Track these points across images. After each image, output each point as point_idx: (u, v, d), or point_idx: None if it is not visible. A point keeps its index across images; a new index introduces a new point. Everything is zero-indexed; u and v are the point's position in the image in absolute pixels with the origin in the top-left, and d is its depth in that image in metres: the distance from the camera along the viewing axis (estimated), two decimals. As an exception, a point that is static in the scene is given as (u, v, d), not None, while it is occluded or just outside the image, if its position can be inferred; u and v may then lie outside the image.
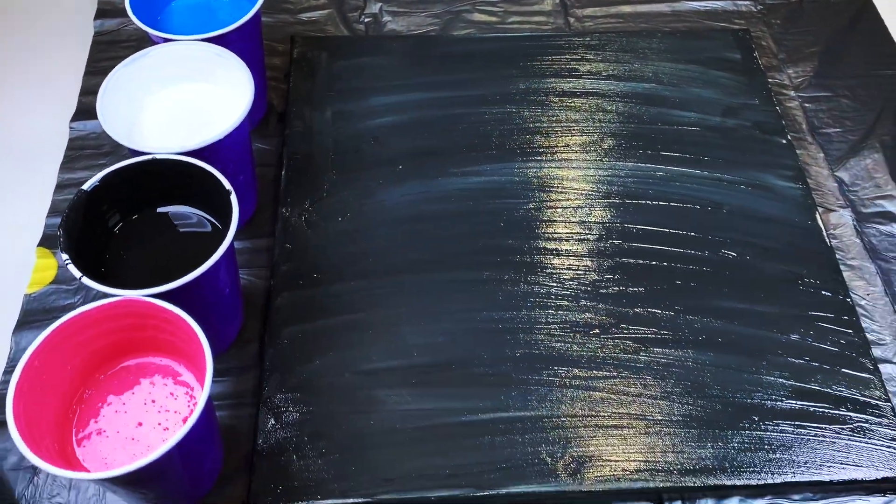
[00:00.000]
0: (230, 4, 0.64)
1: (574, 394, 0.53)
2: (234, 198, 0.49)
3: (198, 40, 0.57)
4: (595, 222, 0.61)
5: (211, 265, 0.46)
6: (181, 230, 0.52)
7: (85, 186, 0.49)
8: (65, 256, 0.46)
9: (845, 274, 0.61)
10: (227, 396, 0.55)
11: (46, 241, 0.61)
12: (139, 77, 0.56)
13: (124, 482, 0.44)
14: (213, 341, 0.54)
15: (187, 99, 0.57)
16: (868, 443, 0.52)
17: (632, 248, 0.60)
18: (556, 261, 0.59)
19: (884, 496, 0.52)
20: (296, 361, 0.54)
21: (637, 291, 0.58)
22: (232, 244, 0.52)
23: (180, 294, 0.46)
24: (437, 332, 0.55)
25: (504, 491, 0.50)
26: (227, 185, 0.49)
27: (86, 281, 0.45)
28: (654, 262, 0.59)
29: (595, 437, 0.52)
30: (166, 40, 0.57)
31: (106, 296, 0.45)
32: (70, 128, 0.68)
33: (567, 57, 0.71)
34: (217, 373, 0.55)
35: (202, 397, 0.42)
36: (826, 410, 0.53)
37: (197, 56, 0.57)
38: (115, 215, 0.51)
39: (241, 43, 0.59)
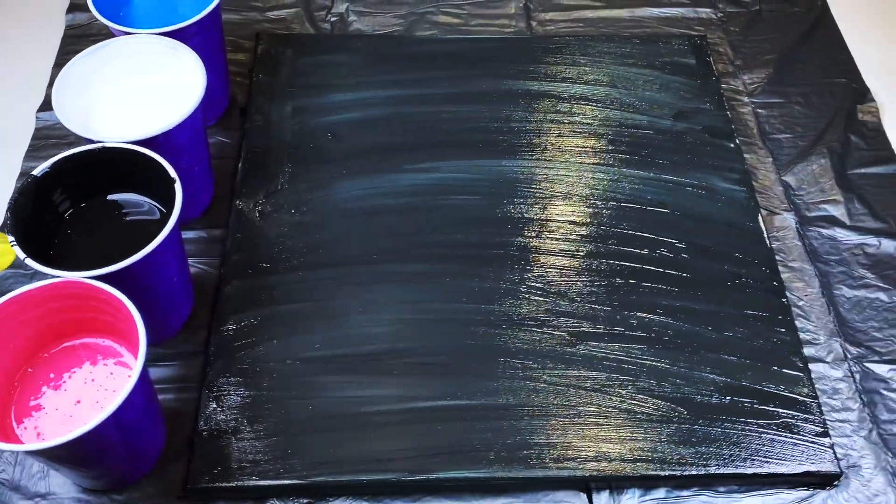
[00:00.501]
0: (192, 0, 0.66)
1: (509, 384, 0.55)
2: (178, 186, 0.50)
3: (155, 34, 0.58)
4: (541, 219, 0.63)
5: (150, 251, 0.47)
6: (130, 217, 0.54)
7: (35, 172, 0.51)
8: (10, 238, 0.48)
9: (785, 275, 0.63)
10: (174, 380, 0.56)
11: (6, 227, 0.63)
12: (96, 69, 0.58)
13: (59, 457, 0.45)
14: (161, 327, 0.56)
15: (143, 91, 0.59)
16: (793, 438, 0.54)
17: (575, 244, 0.61)
18: (500, 255, 0.61)
19: (807, 489, 0.54)
20: (240, 348, 0.56)
21: (577, 286, 0.59)
22: (179, 233, 0.54)
23: (125, 279, 0.48)
24: (380, 322, 0.57)
25: (434, 476, 0.51)
26: (173, 174, 0.51)
27: (29, 262, 0.47)
28: (595, 259, 0.61)
29: (526, 426, 0.53)
30: (126, 34, 0.59)
31: (50, 278, 0.46)
32: (36, 118, 0.69)
33: (526, 60, 0.73)
34: (164, 357, 0.57)
35: (135, 373, 0.43)
36: (754, 406, 0.55)
37: (153, 50, 0.58)
38: (65, 202, 0.53)
39: (200, 38, 0.61)
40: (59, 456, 0.45)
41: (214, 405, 0.53)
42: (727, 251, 0.62)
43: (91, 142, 0.53)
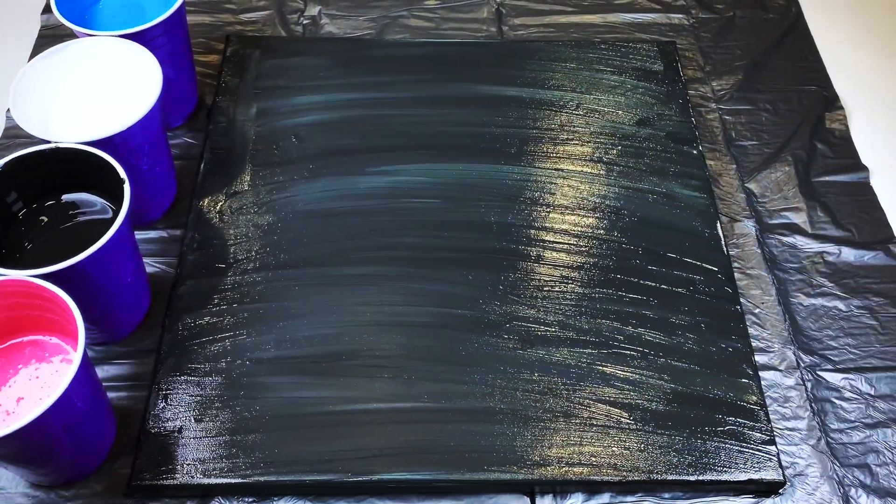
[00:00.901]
0: (157, 2, 0.66)
1: (457, 387, 0.55)
2: (127, 186, 0.51)
3: (116, 36, 0.59)
4: (498, 223, 0.63)
5: (98, 249, 0.48)
6: (84, 217, 0.55)
7: None
8: None
9: (743, 282, 0.63)
10: (127, 378, 0.57)
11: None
12: (55, 71, 0.59)
13: (2, 454, 0.46)
14: (116, 325, 0.56)
15: (101, 92, 0.60)
16: (739, 446, 0.54)
17: (530, 249, 0.62)
18: (455, 258, 0.61)
19: (752, 497, 0.54)
20: (192, 347, 0.56)
21: (530, 290, 0.59)
22: (131, 232, 0.54)
23: (76, 278, 0.49)
24: (332, 324, 0.58)
25: (377, 477, 0.52)
26: (122, 174, 0.52)
27: None
28: (549, 264, 0.61)
29: (472, 428, 0.54)
30: (89, 35, 0.60)
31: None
32: (7, 117, 0.70)
33: (493, 64, 0.73)
34: (119, 355, 0.58)
35: (72, 369, 0.44)
36: (701, 414, 0.55)
37: (113, 52, 0.59)
38: (18, 202, 0.54)
39: (164, 40, 0.62)
40: (2, 452, 0.46)
41: (163, 403, 0.54)
42: (683, 258, 0.62)
43: (44, 142, 0.54)
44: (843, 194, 0.69)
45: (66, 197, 0.55)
